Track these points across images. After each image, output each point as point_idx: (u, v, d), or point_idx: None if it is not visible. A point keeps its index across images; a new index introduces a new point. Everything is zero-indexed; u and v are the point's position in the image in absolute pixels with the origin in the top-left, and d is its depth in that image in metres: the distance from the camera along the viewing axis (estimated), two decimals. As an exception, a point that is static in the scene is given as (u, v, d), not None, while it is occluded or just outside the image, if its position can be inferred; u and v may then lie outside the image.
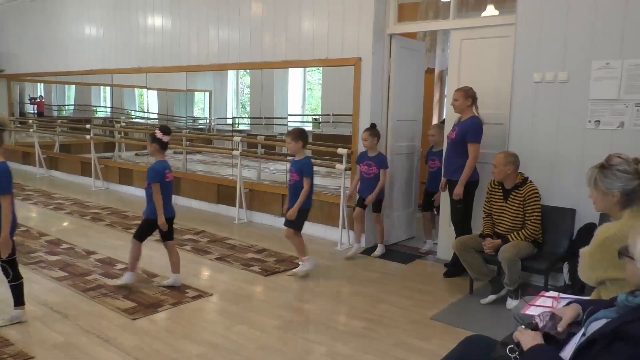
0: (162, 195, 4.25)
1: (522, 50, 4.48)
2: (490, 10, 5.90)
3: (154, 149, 4.28)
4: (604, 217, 3.98)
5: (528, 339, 1.83)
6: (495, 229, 4.25)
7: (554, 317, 1.91)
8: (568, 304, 2.09)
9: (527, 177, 4.18)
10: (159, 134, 4.23)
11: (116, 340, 3.38)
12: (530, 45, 4.43)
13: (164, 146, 4.31)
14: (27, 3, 10.50)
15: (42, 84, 12.46)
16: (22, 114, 12.34)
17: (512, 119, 4.60)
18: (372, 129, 5.25)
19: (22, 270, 4.59)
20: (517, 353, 1.83)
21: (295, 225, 4.69)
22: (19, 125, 12.03)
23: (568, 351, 1.81)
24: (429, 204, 5.59)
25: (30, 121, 10.60)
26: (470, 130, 4.52)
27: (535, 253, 4.10)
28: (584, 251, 2.32)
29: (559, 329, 1.89)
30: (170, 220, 4.38)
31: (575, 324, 1.93)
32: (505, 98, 4.67)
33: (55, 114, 12.45)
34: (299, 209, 4.59)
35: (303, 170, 4.58)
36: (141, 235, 4.35)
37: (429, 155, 5.65)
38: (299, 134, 4.65)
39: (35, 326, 3.56)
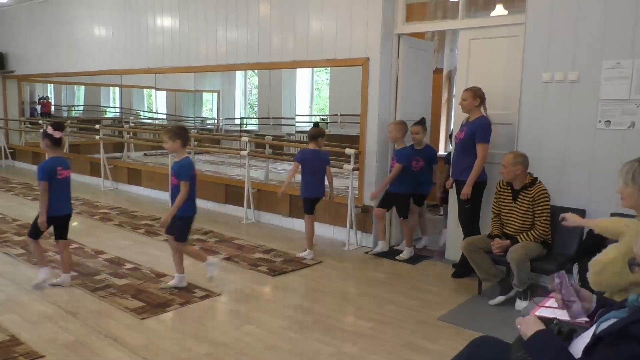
0: (57, 193, 4.13)
1: (532, 50, 4.45)
2: (499, 10, 5.87)
3: (45, 145, 4.17)
4: (615, 218, 3.95)
5: (529, 326, 1.81)
6: (504, 230, 4.23)
7: (578, 293, 1.93)
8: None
9: (537, 178, 4.15)
10: (50, 130, 4.13)
11: (124, 340, 3.40)
12: (540, 44, 4.40)
13: (56, 142, 4.19)
14: (37, 4, 10.58)
15: (52, 85, 12.57)
16: (32, 114, 12.45)
17: (521, 119, 4.57)
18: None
19: (32, 270, 4.65)
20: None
21: (177, 235, 4.25)
22: (29, 126, 12.14)
23: (579, 347, 1.80)
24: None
25: (40, 122, 10.68)
26: (479, 130, 4.49)
27: (544, 254, 4.07)
28: (608, 258, 2.26)
29: (572, 299, 1.91)
30: (66, 217, 4.32)
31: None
32: (514, 98, 4.65)
33: (65, 114, 12.55)
34: (178, 217, 4.16)
35: (180, 172, 4.14)
36: (34, 233, 4.23)
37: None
38: (177, 132, 4.24)
39: (45, 325, 3.59)
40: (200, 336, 3.49)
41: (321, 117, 9.60)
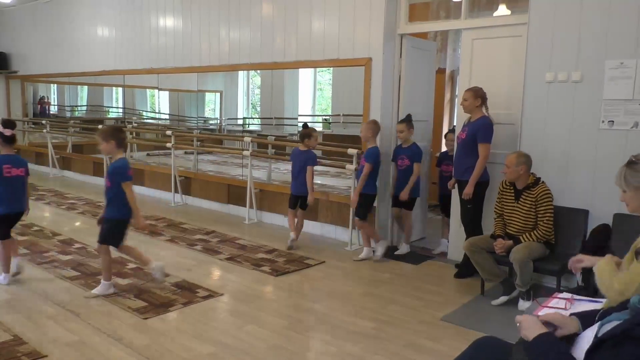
0: (6, 191, 4.11)
1: (535, 50, 4.45)
2: (502, 10, 5.86)
3: None
4: (618, 219, 3.95)
5: (530, 328, 1.81)
6: (507, 230, 4.22)
7: (551, 326, 1.89)
8: (573, 314, 2.06)
9: (539, 178, 4.14)
10: (0, 128, 4.12)
11: (128, 340, 3.40)
12: (543, 44, 4.40)
13: (7, 140, 4.18)
14: (40, 4, 10.61)
15: (55, 85, 12.59)
16: (36, 114, 12.49)
17: (523, 119, 4.56)
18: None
19: (36, 270, 4.66)
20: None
21: (110, 239, 4.12)
22: (32, 126, 12.17)
23: (582, 349, 1.79)
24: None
25: (43, 122, 10.72)
26: (481, 130, 4.49)
27: (547, 254, 4.06)
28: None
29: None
30: (17, 216, 4.29)
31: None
32: (517, 98, 4.64)
33: (68, 114, 12.58)
34: (116, 219, 4.06)
35: (115, 174, 4.02)
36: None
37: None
38: (110, 132, 4.07)
39: (49, 325, 3.60)
40: (203, 336, 3.49)
41: (323, 117, 9.60)
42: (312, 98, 9.48)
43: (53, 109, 12.79)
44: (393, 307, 4.06)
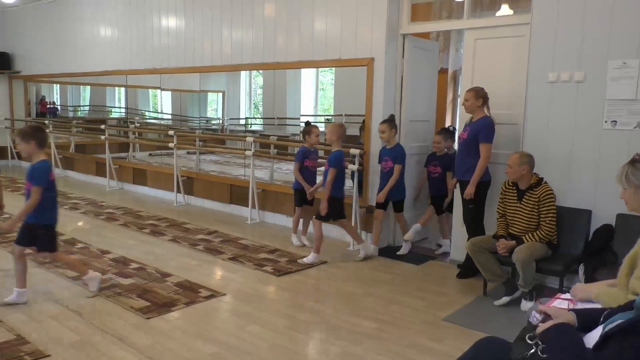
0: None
1: (537, 50, 4.44)
2: (505, 10, 5.86)
3: None
4: (621, 219, 3.94)
5: (560, 313, 1.83)
6: (509, 230, 4.22)
7: (547, 319, 1.92)
8: (573, 309, 2.07)
9: (542, 178, 4.14)
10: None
11: (130, 339, 3.41)
12: (546, 44, 4.39)
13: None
14: (44, 4, 10.64)
15: (58, 85, 12.62)
16: (38, 114, 12.53)
17: (526, 119, 4.56)
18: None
19: (38, 269, 4.67)
20: (537, 340, 1.81)
21: (42, 245, 3.93)
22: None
23: (589, 344, 1.80)
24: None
25: (46, 122, 10.74)
26: (483, 130, 4.48)
27: (550, 254, 4.06)
28: None
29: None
30: None
31: None
32: (519, 98, 4.63)
33: (71, 114, 12.61)
34: (40, 226, 3.86)
35: (32, 176, 3.77)
36: None
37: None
38: (30, 133, 3.81)
39: (51, 325, 3.61)
40: (206, 336, 3.50)
41: (326, 117, 9.60)
42: (314, 98, 9.48)
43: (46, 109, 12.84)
44: (395, 308, 4.06)
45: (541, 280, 4.43)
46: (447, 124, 8.11)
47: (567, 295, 2.43)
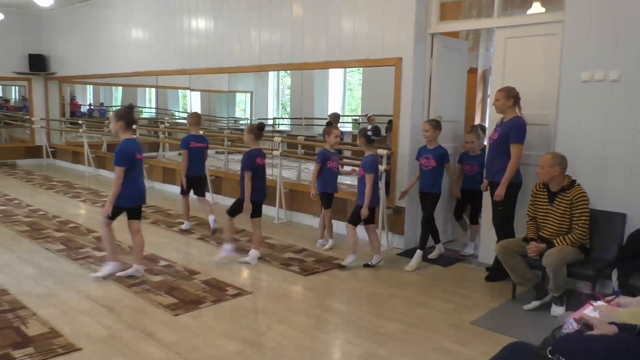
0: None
1: (570, 49, 4.34)
2: (537, 8, 5.74)
3: None
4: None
5: (604, 325, 1.77)
6: (540, 233, 4.13)
7: (586, 328, 1.85)
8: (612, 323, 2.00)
9: (575, 180, 4.03)
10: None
11: (158, 335, 3.46)
12: (579, 43, 4.28)
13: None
14: (77, 8, 10.92)
15: (91, 86, 12.94)
16: (90, 114, 12.93)
17: (558, 119, 4.45)
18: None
19: (71, 265, 4.79)
20: (558, 355, 1.76)
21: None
22: (69, 126, 12.53)
23: None
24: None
25: (80, 121, 11.02)
26: (514, 130, 4.40)
27: (582, 259, 3.95)
28: None
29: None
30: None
31: None
32: (551, 98, 4.54)
33: (103, 114, 12.92)
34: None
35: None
36: None
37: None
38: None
39: (82, 319, 3.69)
40: (231, 334, 3.53)
41: (353, 117, 9.59)
42: (341, 98, 9.48)
43: (84, 109, 13.18)
44: (421, 310, 4.02)
45: (572, 285, 4.33)
46: (477, 124, 8.00)
47: (600, 303, 2.35)
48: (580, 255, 3.95)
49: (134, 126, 4.43)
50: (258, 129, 5.06)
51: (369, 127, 5.15)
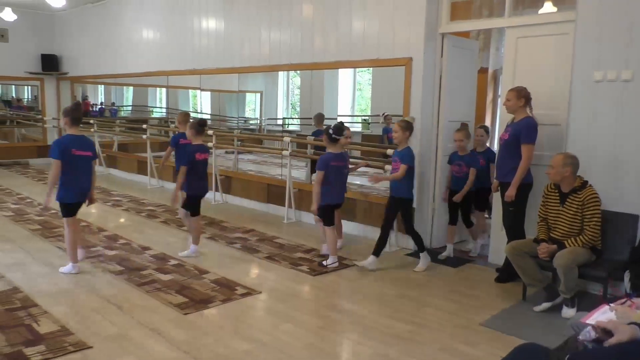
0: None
1: (582, 48, 4.30)
2: (548, 7, 5.70)
3: None
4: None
5: (622, 327, 1.74)
6: (551, 234, 4.09)
7: (605, 334, 1.80)
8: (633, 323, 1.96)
9: (587, 181, 3.99)
10: None
11: (168, 334, 3.48)
12: (591, 42, 4.24)
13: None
14: (89, 8, 11.01)
15: (103, 86, 13.03)
16: (102, 114, 13.03)
17: (570, 120, 4.42)
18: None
19: (83, 264, 4.83)
20: None
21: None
22: (81, 126, 12.63)
23: None
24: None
25: (91, 121, 11.11)
26: (524, 130, 4.37)
27: (593, 260, 3.92)
28: None
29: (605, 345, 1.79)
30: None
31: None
32: (562, 98, 4.50)
33: (115, 114, 13.01)
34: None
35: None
36: None
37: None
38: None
39: (93, 317, 3.72)
40: (240, 333, 3.54)
41: (363, 117, 9.57)
42: (351, 98, 9.46)
43: (96, 108, 13.27)
44: (429, 310, 4.00)
45: (584, 287, 4.29)
46: (487, 124, 7.96)
47: (614, 304, 2.32)
48: (592, 256, 3.91)
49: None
50: (199, 125, 5.19)
51: (332, 125, 5.24)
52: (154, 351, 3.26)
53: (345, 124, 5.44)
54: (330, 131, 5.03)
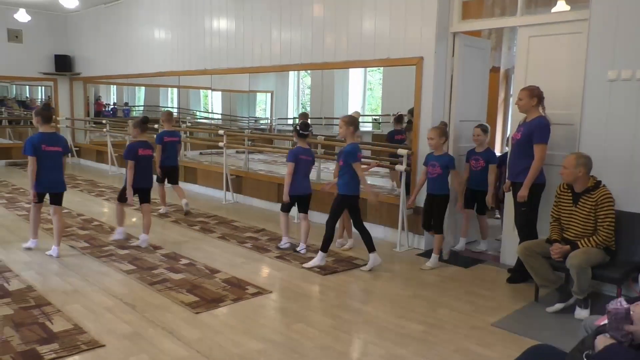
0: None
1: (596, 47, 4.26)
2: (561, 6, 5.64)
3: None
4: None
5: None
6: (564, 235, 4.06)
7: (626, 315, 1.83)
8: None
9: (600, 181, 3.95)
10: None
11: (180, 333, 3.50)
12: (605, 41, 4.20)
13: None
14: (102, 9, 11.11)
15: (115, 86, 13.15)
16: (114, 114, 13.17)
17: (583, 119, 4.38)
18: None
19: (95, 263, 4.87)
20: None
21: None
22: (93, 125, 12.75)
23: None
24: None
25: (104, 121, 11.21)
26: (537, 130, 4.33)
27: (607, 261, 3.88)
28: None
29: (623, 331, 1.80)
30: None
31: None
32: (576, 97, 4.46)
33: (127, 114, 13.12)
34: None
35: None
36: None
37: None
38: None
39: (106, 316, 3.76)
40: (252, 332, 3.55)
41: (373, 117, 9.56)
42: (362, 98, 9.46)
43: (108, 109, 13.39)
44: (442, 311, 3.99)
45: (597, 288, 4.25)
46: (499, 124, 7.92)
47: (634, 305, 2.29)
48: (606, 257, 3.87)
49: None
50: (142, 122, 5.65)
51: (299, 122, 5.71)
52: (167, 350, 3.28)
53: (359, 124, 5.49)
54: (298, 127, 5.43)
